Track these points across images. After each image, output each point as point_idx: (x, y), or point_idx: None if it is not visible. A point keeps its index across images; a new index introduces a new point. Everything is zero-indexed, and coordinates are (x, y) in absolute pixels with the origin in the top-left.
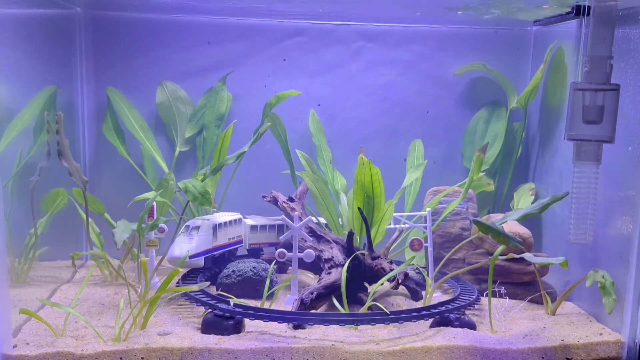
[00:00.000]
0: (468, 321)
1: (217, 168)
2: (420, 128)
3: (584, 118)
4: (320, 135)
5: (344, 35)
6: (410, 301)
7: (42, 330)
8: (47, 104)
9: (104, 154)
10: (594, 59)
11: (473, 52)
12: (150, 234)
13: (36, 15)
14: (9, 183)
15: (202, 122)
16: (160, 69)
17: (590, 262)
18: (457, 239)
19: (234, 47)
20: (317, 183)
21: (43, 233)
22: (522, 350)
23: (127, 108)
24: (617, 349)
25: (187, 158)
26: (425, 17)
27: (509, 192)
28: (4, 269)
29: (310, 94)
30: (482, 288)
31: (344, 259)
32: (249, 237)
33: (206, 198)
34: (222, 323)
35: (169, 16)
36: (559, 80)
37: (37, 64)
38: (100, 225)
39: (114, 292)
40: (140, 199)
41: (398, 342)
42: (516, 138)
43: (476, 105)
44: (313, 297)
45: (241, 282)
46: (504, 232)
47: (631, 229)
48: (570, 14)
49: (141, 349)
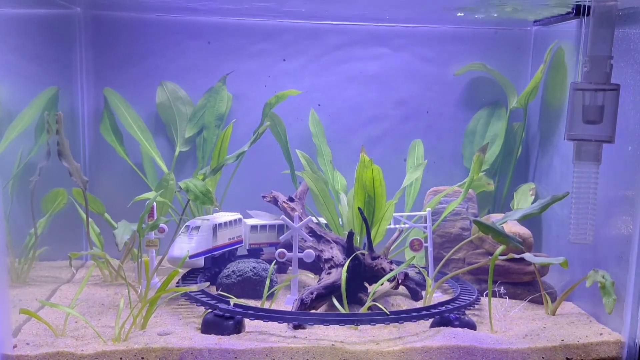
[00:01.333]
0: (468, 321)
1: (217, 168)
2: (420, 128)
3: (584, 118)
4: (321, 135)
5: (344, 35)
6: (410, 301)
7: (42, 330)
8: (48, 104)
9: (104, 154)
10: (594, 59)
11: (473, 52)
12: (150, 234)
13: (36, 15)
14: (9, 183)
15: (202, 122)
16: (161, 68)
17: (590, 262)
18: (457, 239)
19: (234, 47)
20: (317, 183)
21: (43, 233)
22: (522, 350)
23: (124, 108)
24: (617, 349)
25: (187, 158)
26: (426, 17)
27: (509, 192)
28: (4, 269)
29: (310, 94)
30: (482, 288)
31: (344, 259)
32: (249, 237)
33: (208, 197)
34: (222, 323)
35: (169, 16)
36: (559, 80)
37: (37, 64)
38: (100, 225)
39: (114, 292)
40: (140, 199)
41: (398, 342)
42: (516, 138)
43: (476, 105)
44: (313, 297)
45: (241, 282)
46: (504, 232)
47: (631, 229)
48: (570, 14)
49: (141, 349)
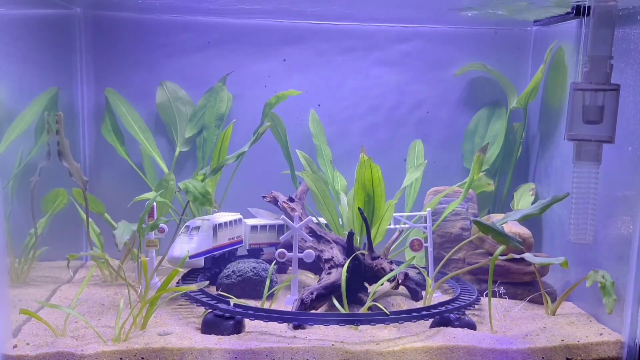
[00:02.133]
0: (468, 321)
1: (217, 168)
2: (420, 128)
3: (584, 118)
4: (321, 135)
5: (344, 35)
6: (410, 301)
7: (42, 331)
8: (48, 104)
9: (104, 154)
10: (594, 59)
11: (473, 52)
12: (150, 234)
13: (36, 15)
14: (9, 183)
15: (202, 122)
16: (161, 68)
17: (590, 262)
18: (457, 239)
19: (234, 47)
20: (317, 183)
21: (43, 233)
22: (522, 351)
23: (125, 109)
24: (617, 349)
25: (187, 158)
26: (426, 17)
27: (509, 192)
28: (4, 269)
29: (310, 94)
30: (482, 288)
31: (344, 259)
32: (249, 237)
33: (207, 198)
34: (222, 323)
35: (170, 16)
36: (559, 80)
37: (37, 65)
38: (100, 226)
39: (114, 293)
40: (140, 199)
41: (398, 342)
42: (516, 138)
43: (476, 105)
44: (313, 297)
45: (241, 282)
46: (504, 233)
47: (631, 229)
48: (570, 14)
49: (141, 349)
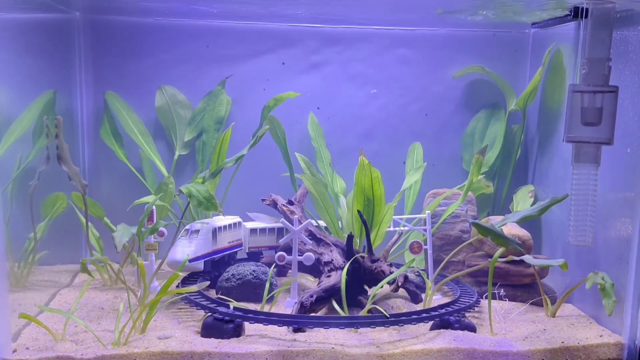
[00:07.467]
0: (468, 323)
1: (216, 171)
2: (419, 131)
3: (583, 120)
4: (320, 138)
5: (343, 38)
6: (410, 304)
7: (41, 335)
8: (46, 108)
9: (103, 157)
10: (592, 61)
11: (471, 54)
12: (149, 237)
13: (35, 19)
14: (8, 187)
15: (202, 126)
16: (159, 72)
17: (589, 264)
18: (457, 241)
19: (233, 51)
20: (316, 186)
21: (42, 237)
22: (523, 353)
23: (126, 112)
24: (618, 351)
25: (186, 162)
26: (424, 19)
27: (508, 194)
28: (3, 273)
29: (309, 97)
30: (482, 290)
31: (343, 262)
32: (249, 240)
33: (212, 203)
34: (222, 326)
35: (168, 20)
36: (557, 82)
37: (36, 69)
38: (99, 230)
39: (113, 296)
40: (139, 203)
41: (398, 344)
42: (515, 140)
43: (475, 107)
44: (313, 300)
45: (241, 285)
46: (503, 235)
47: (630, 231)
48: (568, 17)
49: (141, 353)
